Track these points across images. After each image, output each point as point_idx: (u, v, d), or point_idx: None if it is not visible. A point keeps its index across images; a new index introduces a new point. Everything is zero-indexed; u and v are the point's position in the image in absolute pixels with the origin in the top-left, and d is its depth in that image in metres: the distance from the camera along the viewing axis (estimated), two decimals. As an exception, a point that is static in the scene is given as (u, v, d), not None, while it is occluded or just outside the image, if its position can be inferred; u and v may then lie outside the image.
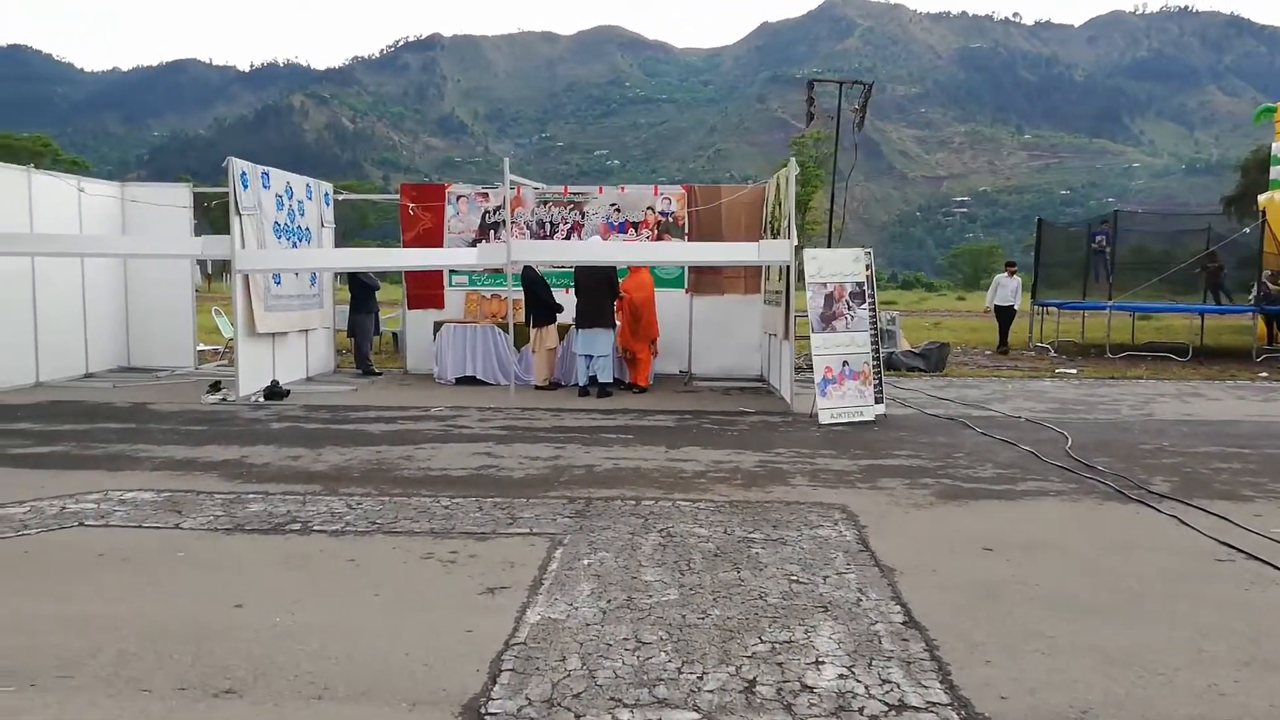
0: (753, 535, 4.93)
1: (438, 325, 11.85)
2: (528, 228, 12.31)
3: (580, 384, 10.47)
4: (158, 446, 7.41)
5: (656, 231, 12.33)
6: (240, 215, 9.97)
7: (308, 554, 4.69)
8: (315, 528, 5.14)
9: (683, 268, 12.27)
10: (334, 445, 7.52)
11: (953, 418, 8.94)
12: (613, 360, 10.49)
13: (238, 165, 10.10)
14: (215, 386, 10.16)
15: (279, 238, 10.98)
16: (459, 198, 12.61)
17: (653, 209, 12.38)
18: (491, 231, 12.48)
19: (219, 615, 3.85)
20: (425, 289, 12.55)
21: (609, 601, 3.94)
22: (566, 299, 11.26)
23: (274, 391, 10.10)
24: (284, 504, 5.65)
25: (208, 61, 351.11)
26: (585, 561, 4.52)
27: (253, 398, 9.97)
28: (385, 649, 3.49)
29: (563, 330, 11.23)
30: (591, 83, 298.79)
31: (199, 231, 12.61)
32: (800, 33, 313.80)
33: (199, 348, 13.15)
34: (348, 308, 12.77)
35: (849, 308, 8.66)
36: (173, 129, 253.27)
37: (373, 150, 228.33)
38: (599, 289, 10.20)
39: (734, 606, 3.88)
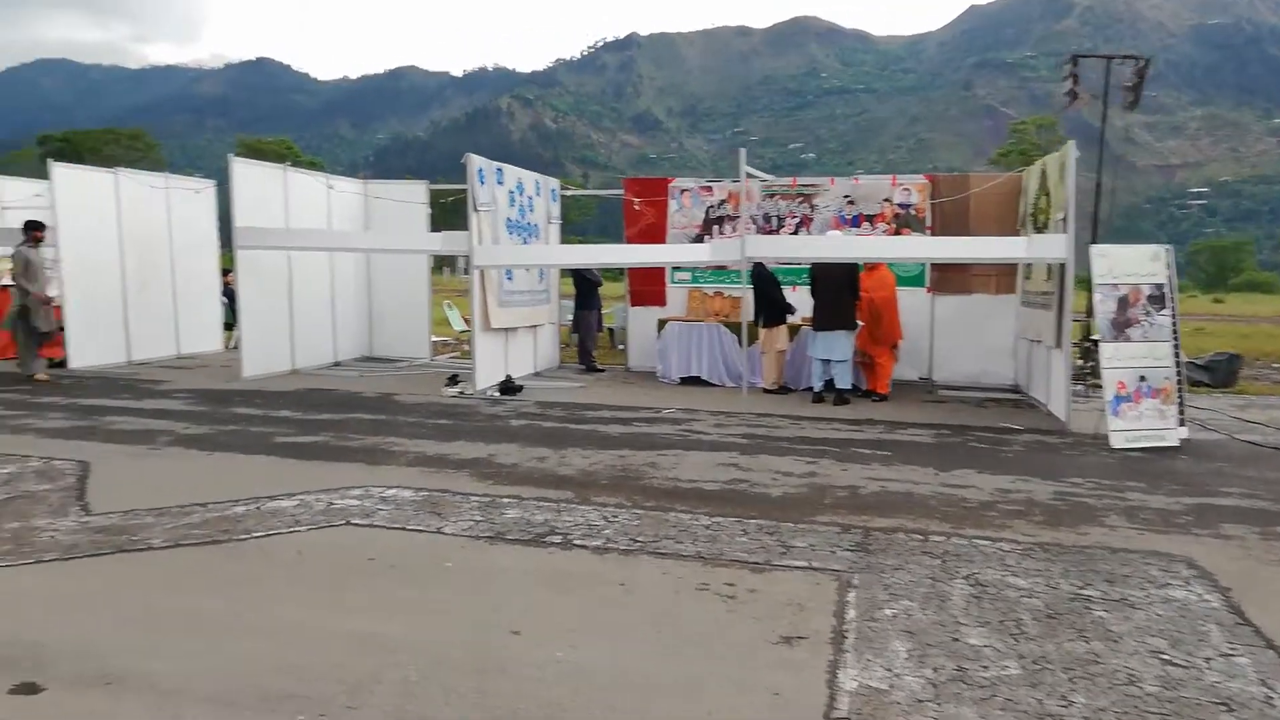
0: (1086, 592, 4.12)
1: (661, 323, 11.54)
2: (753, 222, 11.75)
3: (814, 389, 9.81)
4: (409, 440, 7.47)
5: (895, 225, 11.43)
6: (477, 211, 10.05)
7: (574, 573, 4.37)
8: (576, 542, 4.83)
9: (923, 265, 11.30)
10: (575, 447, 7.29)
11: (1277, 447, 7.55)
12: (851, 364, 9.74)
13: (476, 162, 10.19)
14: (453, 380, 10.32)
15: (510, 234, 11.04)
16: (682, 191, 12.25)
17: (890, 201, 11.48)
18: (715, 226, 12.04)
19: (497, 643, 3.56)
20: (648, 285, 12.29)
21: (935, 671, 3.31)
22: (794, 297, 10.64)
23: (508, 386, 10.13)
24: (539, 511, 5.40)
25: (425, 69, 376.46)
26: (888, 612, 3.91)
27: (488, 392, 10.04)
28: (683, 707, 3.05)
29: (791, 331, 10.61)
30: (786, 75, 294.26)
31: (431, 228, 12.97)
32: (1011, 14, 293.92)
33: (433, 339, 13.55)
34: (571, 303, 12.75)
35: (1146, 313, 7.48)
36: (394, 132, 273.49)
37: (572, 148, 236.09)
38: (839, 288, 9.48)
39: (1100, 693, 3.14)
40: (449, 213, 13.36)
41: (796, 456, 7.03)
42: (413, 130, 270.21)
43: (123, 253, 12.12)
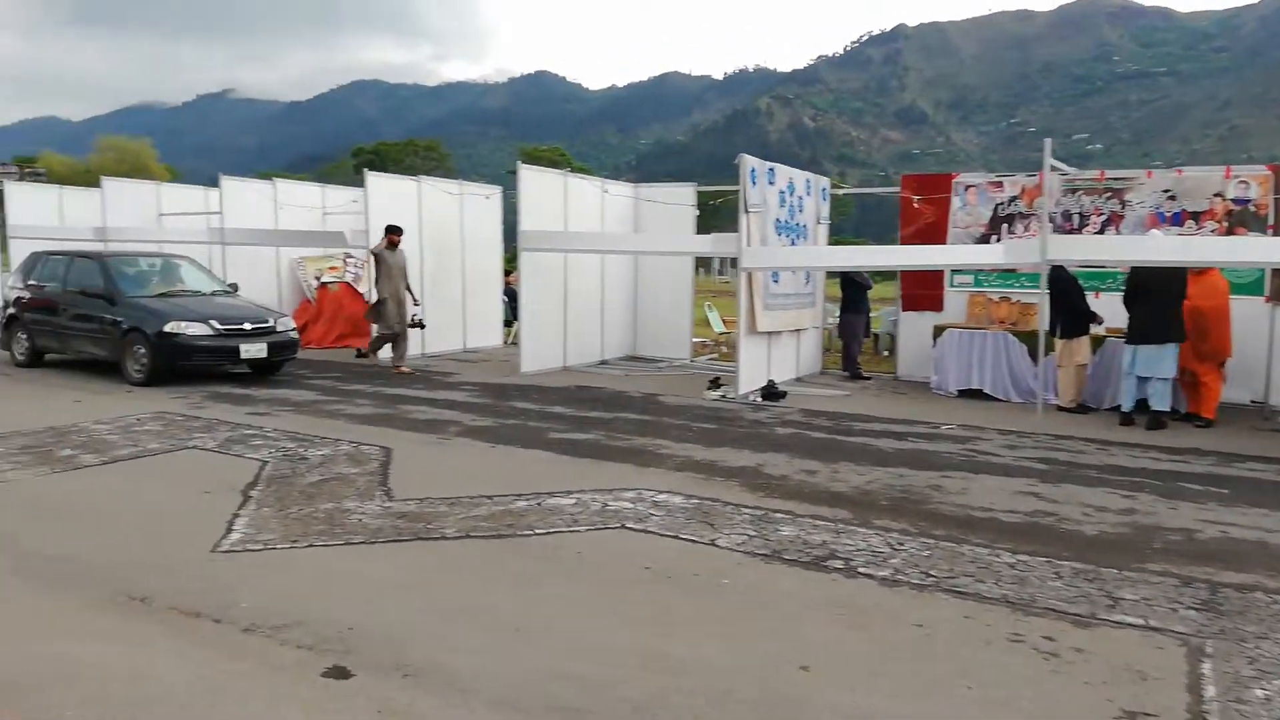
0: None
1: (938, 329, 10.74)
2: (1050, 220, 10.60)
3: (1124, 409, 8.65)
4: (675, 444, 7.41)
5: (1226, 224, 9.84)
6: (748, 213, 9.86)
7: (863, 606, 4.00)
8: (860, 570, 4.45)
9: (1262, 270, 9.63)
10: (847, 461, 6.87)
11: None
12: (1171, 383, 8.48)
13: (748, 163, 10.00)
14: (715, 383, 10.22)
15: (779, 235, 10.75)
16: (967, 188, 11.33)
17: (1222, 195, 9.90)
18: (1004, 225, 11.01)
19: (787, 679, 3.28)
20: (923, 289, 11.50)
21: (1348, 785, 2.61)
22: (1096, 305, 9.49)
23: (771, 392, 9.87)
24: (816, 531, 5.07)
25: (688, 73, 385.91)
26: (1259, 693, 3.19)
27: (750, 397, 9.83)
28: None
29: (1094, 342, 9.44)
30: (1072, 60, 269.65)
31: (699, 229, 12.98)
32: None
33: (693, 340, 13.58)
34: (837, 307, 12.25)
35: None
36: (656, 136, 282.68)
37: (830, 147, 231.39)
38: (1169, 296, 8.27)
39: None
40: (708, 214, 13.33)
41: (1110, 489, 6.15)
42: (674, 134, 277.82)
43: (422, 253, 13.20)
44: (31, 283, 11.17)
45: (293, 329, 10.96)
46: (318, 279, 14.69)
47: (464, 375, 11.52)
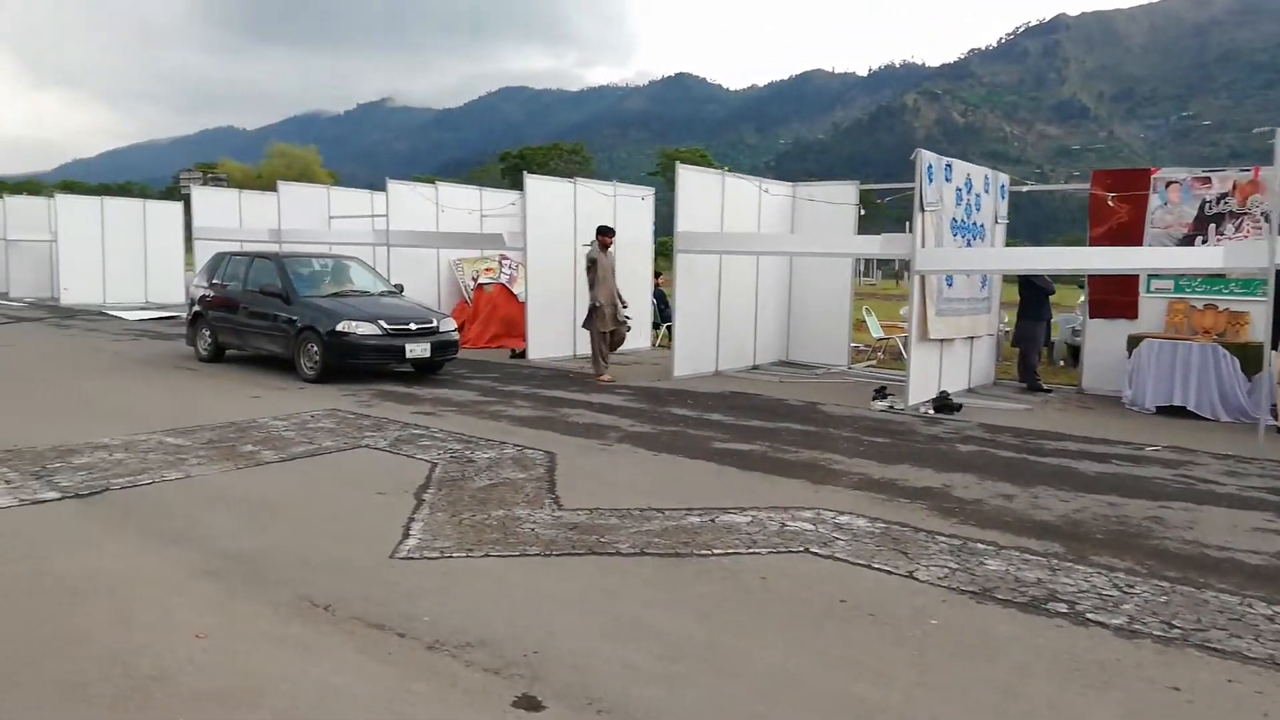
0: None
1: (1133, 339, 9.79)
2: (1263, 219, 9.46)
3: (1366, 435, 7.57)
4: (847, 459, 6.97)
5: None
6: (924, 211, 9.26)
7: (1102, 662, 3.49)
8: (1088, 615, 3.92)
9: None
10: (1046, 486, 6.25)
11: None
12: None
13: (925, 158, 9.40)
14: (881, 392, 9.66)
15: (955, 235, 10.07)
16: (1168, 184, 10.27)
17: None
18: (1212, 225, 9.92)
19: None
20: (1115, 294, 10.52)
21: None
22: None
23: (944, 404, 9.23)
24: (1027, 567, 4.55)
25: (831, 70, 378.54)
26: None
27: (921, 408, 9.23)
28: None
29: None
30: (1256, 47, 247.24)
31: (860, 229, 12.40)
32: None
33: (851, 346, 12.99)
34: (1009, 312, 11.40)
35: None
36: (796, 135, 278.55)
37: (980, 143, 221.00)
38: None
39: None
40: (867, 214, 12.72)
41: (1372, 530, 5.30)
42: (814, 133, 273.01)
43: (577, 255, 13.20)
44: (215, 282, 11.81)
45: (454, 329, 11.13)
46: (474, 280, 14.97)
47: (617, 379, 11.39)
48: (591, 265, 11.12)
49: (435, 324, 10.77)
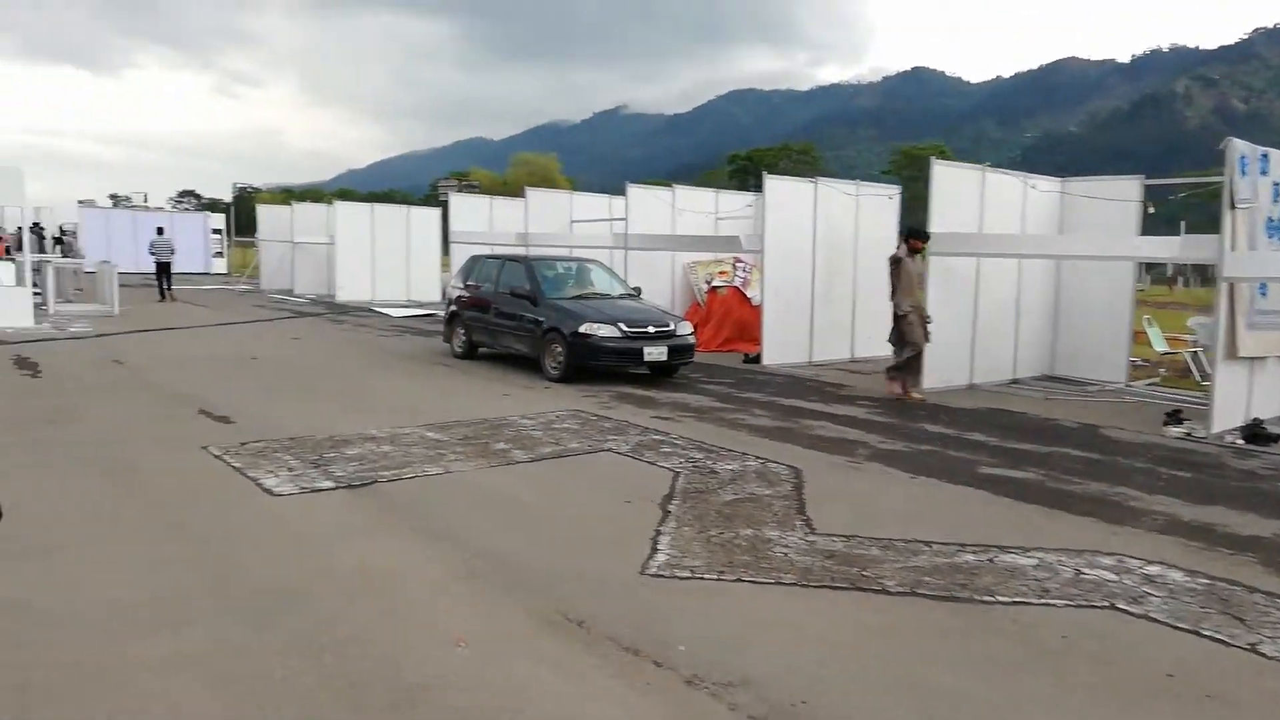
0: None
1: None
2: None
3: None
4: (1146, 495, 6.05)
5: None
6: (1235, 209, 7.96)
7: None
8: None
9: None
10: None
11: None
12: None
13: (1237, 148, 8.10)
14: (1175, 417, 8.43)
15: (1270, 237, 8.60)
16: None
17: None
18: None
19: None
20: None
21: None
22: None
23: (1258, 433, 7.89)
24: None
25: (1086, 58, 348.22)
26: None
27: (1228, 438, 7.94)
28: None
29: None
30: None
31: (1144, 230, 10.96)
32: None
33: (1130, 361, 11.54)
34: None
35: None
36: (1044, 128, 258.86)
37: (1267, 134, 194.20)
38: None
39: None
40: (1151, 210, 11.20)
41: None
42: (1064, 125, 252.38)
43: (815, 256, 12.72)
44: (470, 283, 12.44)
45: (690, 333, 11.02)
46: (708, 283, 14.85)
47: (857, 388, 10.79)
48: (895, 265, 9.88)
49: (672, 327, 10.70)
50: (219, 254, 37.88)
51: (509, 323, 11.46)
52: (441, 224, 24.73)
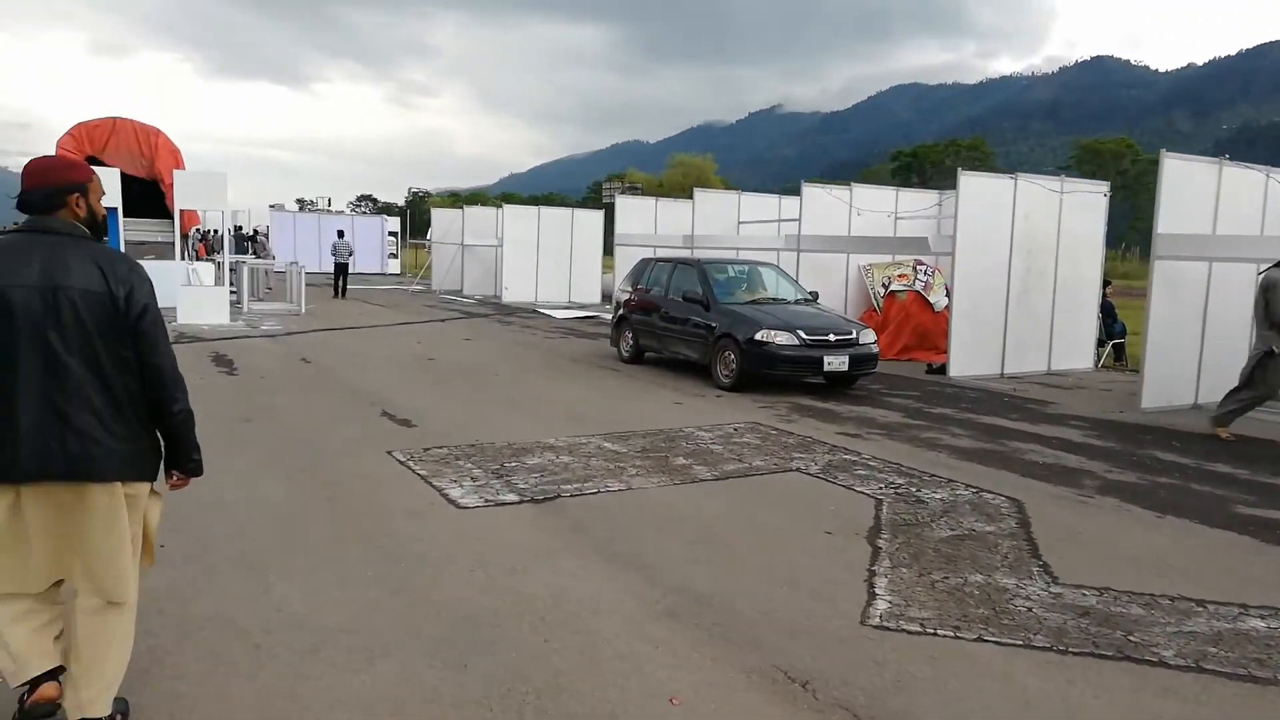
0: None
1: None
2: None
3: None
4: None
5: None
6: None
7: None
8: None
9: None
10: None
11: None
12: None
13: None
14: None
15: None
16: None
17: None
18: None
19: None
20: None
21: None
22: None
23: None
24: None
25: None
26: None
27: None
28: None
29: None
30: None
31: None
32: None
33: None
34: None
35: None
36: (1243, 120, 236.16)
37: None
38: None
39: None
40: None
41: None
42: (1267, 116, 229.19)
43: (1011, 260, 11.70)
44: (639, 286, 12.19)
45: (873, 341, 10.32)
46: (885, 287, 14.01)
47: (1064, 406, 9.77)
48: (1269, 291, 7.73)
49: (854, 335, 10.04)
50: (393, 255, 39.77)
51: (679, 328, 11.12)
52: (604, 226, 24.84)
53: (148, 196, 18.83)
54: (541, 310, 21.17)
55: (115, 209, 16.88)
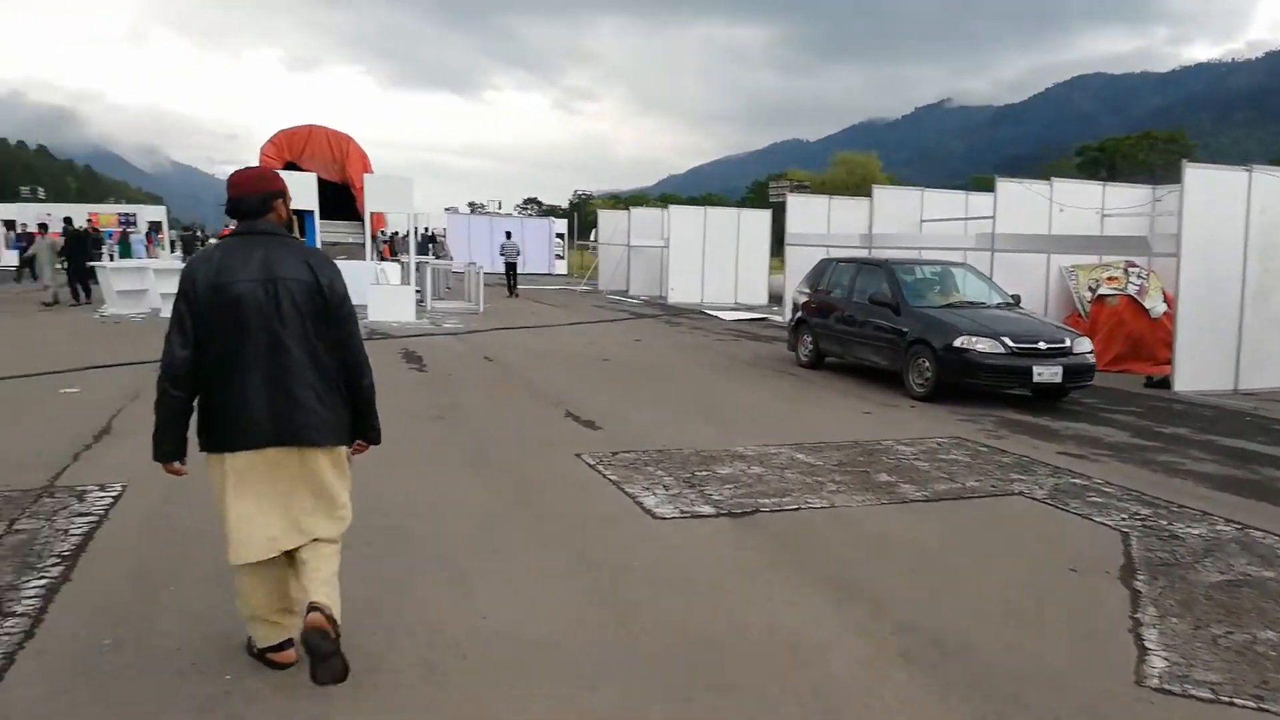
0: None
1: None
2: None
3: None
4: None
5: None
6: None
7: None
8: None
9: None
10: None
11: None
12: None
13: None
14: None
15: None
16: None
17: None
18: None
19: None
20: None
21: None
22: None
23: None
24: None
25: None
26: None
27: None
28: None
29: None
30: None
31: None
32: None
33: None
34: None
35: None
36: None
37: None
38: None
39: None
40: None
41: None
42: None
43: (1246, 263, 10.41)
44: (819, 288, 11.68)
45: (1089, 351, 9.39)
46: (1091, 290, 12.82)
47: (1317, 428, 8.53)
48: None
49: (1068, 344, 9.16)
50: (560, 256, 40.68)
51: (865, 332, 10.54)
52: (771, 226, 24.32)
53: (338, 199, 19.92)
54: (708, 311, 20.91)
55: (312, 211, 17.92)
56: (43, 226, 23.38)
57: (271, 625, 3.16)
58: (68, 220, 21.40)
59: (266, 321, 2.90)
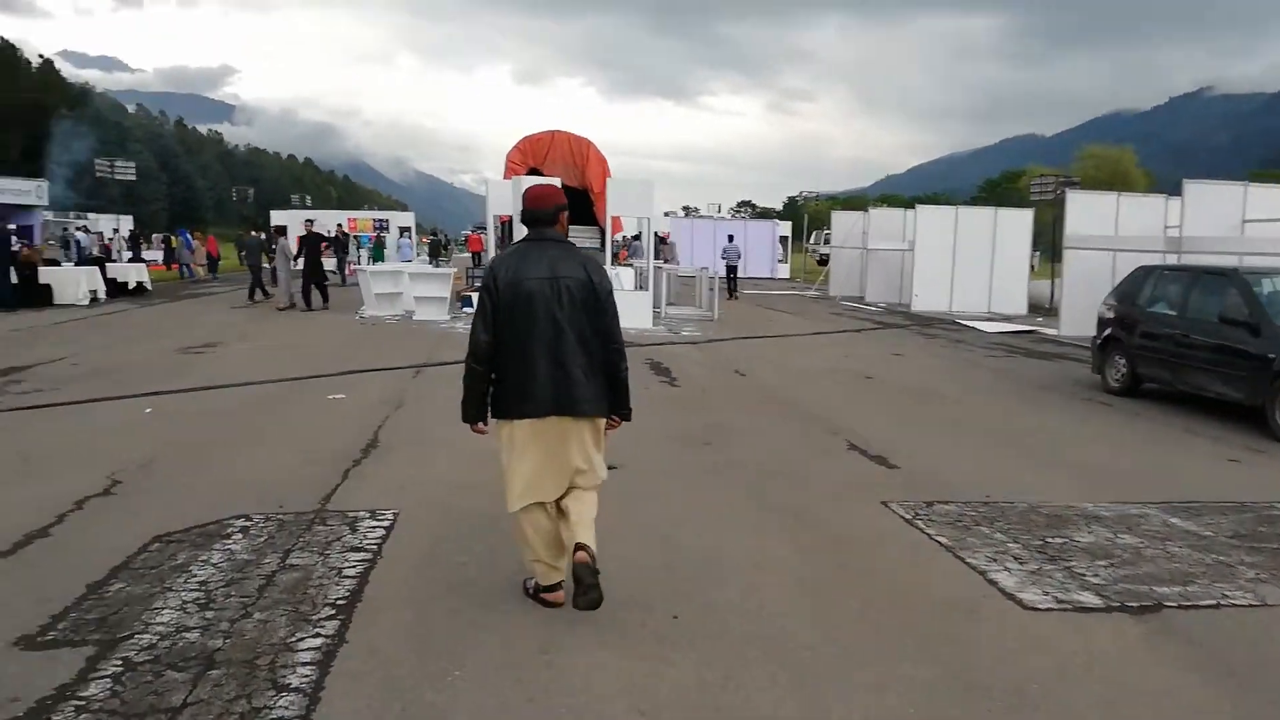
0: None
1: None
2: None
3: None
4: None
5: None
6: None
7: None
8: None
9: None
10: None
11: None
12: None
13: None
14: None
15: None
16: None
17: None
18: None
19: None
20: None
21: None
22: None
23: None
24: None
25: None
26: None
27: None
28: None
29: None
30: None
31: None
32: None
33: None
34: None
35: None
36: None
37: None
38: None
39: None
40: None
41: None
42: None
43: None
44: (1137, 302, 9.83)
45: None
46: None
47: None
48: None
49: None
50: (782, 260, 39.40)
51: (1204, 355, 8.65)
52: (1033, 227, 21.90)
53: (576, 204, 19.84)
54: (961, 321, 18.98)
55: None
56: (280, 229, 22.12)
57: (548, 568, 3.75)
58: (309, 222, 21.07)
59: (550, 311, 3.54)
